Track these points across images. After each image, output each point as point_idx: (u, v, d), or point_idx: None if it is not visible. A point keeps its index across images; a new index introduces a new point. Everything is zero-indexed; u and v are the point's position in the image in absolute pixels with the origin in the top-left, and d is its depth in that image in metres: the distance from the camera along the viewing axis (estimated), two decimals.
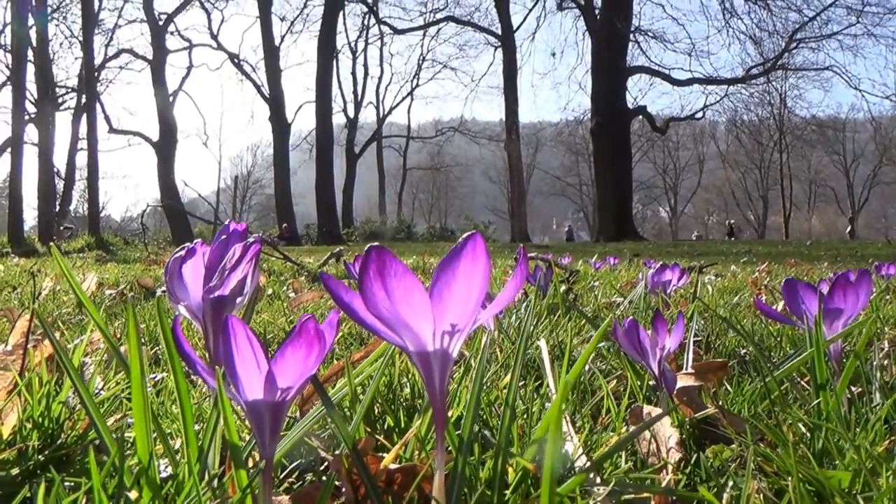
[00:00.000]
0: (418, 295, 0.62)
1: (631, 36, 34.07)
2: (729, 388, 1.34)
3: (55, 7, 33.47)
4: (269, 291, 3.70)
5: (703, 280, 4.68)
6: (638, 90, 43.61)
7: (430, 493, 0.77)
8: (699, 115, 41.03)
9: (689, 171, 67.80)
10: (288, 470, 0.90)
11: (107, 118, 37.75)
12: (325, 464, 0.90)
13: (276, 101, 33.83)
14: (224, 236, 0.93)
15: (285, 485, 0.91)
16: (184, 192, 38.66)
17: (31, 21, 17.26)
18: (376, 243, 0.61)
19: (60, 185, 32.64)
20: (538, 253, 5.28)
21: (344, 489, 0.71)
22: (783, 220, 54.74)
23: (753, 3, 35.15)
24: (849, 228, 43.90)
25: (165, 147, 34.91)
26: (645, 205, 69.74)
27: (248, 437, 0.89)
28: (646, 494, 0.80)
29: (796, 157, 56.22)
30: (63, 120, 36.11)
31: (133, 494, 0.61)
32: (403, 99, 50.43)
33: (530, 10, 38.87)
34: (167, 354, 0.74)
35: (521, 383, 1.27)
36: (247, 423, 0.92)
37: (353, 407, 0.86)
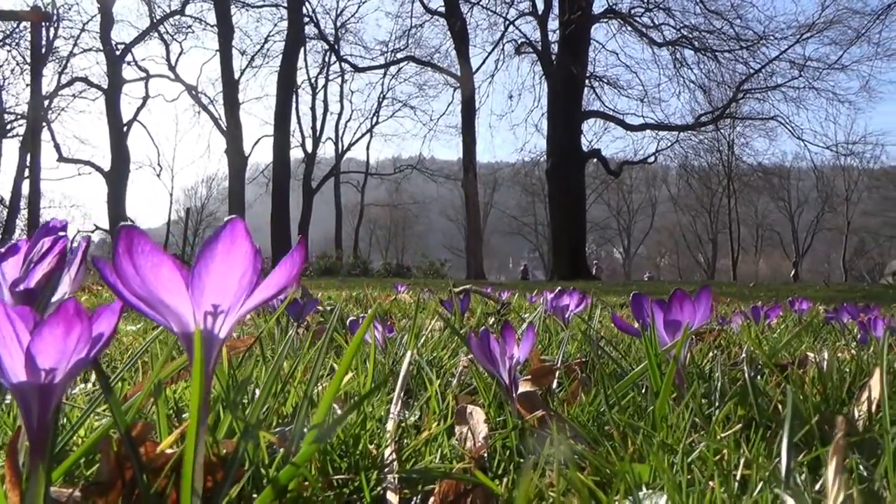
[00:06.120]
0: (167, 271, 0.64)
1: (586, 81, 35.01)
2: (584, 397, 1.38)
3: (7, 33, 32.92)
4: None
5: None
6: (593, 134, 44.47)
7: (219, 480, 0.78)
8: (651, 159, 42.09)
9: (641, 214, 69.44)
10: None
11: (56, 146, 36.88)
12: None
13: (233, 134, 33.62)
14: (43, 233, 0.93)
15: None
16: (135, 224, 37.93)
17: None
18: (129, 223, 0.63)
19: (4, 213, 31.77)
20: (475, 286, 5.36)
21: (105, 471, 0.72)
22: (731, 262, 56.29)
23: (702, 53, 36.60)
24: (793, 272, 45.34)
25: (117, 177, 34.39)
26: (599, 245, 71.00)
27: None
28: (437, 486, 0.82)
29: (744, 202, 58.06)
30: (11, 147, 35.21)
31: None
32: (363, 136, 50.52)
33: (489, 54, 39.55)
34: None
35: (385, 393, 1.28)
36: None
37: (157, 401, 0.87)
